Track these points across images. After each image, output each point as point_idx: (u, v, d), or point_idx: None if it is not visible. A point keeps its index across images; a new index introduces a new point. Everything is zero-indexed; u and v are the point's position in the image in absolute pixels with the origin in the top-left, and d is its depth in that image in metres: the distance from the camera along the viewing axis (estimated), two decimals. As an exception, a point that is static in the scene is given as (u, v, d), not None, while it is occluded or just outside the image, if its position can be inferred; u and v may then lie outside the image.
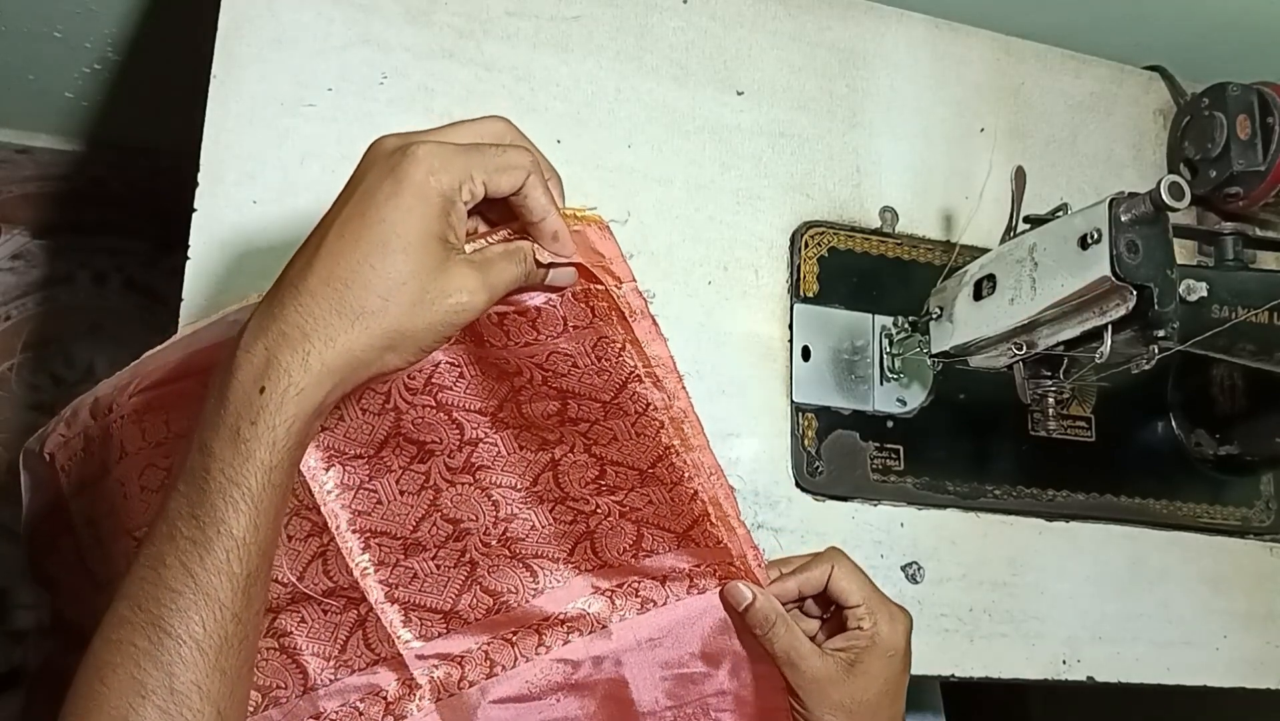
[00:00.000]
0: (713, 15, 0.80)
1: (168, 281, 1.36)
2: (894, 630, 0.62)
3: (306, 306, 0.42)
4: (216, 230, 0.65)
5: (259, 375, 0.41)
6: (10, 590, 1.23)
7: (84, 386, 0.60)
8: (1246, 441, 0.83)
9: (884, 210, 0.81)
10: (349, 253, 0.42)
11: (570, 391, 0.56)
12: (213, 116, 0.67)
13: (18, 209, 1.35)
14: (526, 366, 0.55)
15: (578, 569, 0.61)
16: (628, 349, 0.56)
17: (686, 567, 0.62)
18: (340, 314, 0.42)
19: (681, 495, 0.59)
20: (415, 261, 0.43)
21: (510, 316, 0.53)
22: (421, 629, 0.59)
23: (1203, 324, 0.66)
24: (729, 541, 0.61)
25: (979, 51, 0.88)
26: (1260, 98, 0.85)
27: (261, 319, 0.43)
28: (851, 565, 0.63)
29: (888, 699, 0.61)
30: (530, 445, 0.59)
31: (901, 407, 0.78)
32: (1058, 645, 0.77)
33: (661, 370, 0.57)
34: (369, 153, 0.45)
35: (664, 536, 0.61)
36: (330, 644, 0.58)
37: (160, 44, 1.02)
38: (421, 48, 0.72)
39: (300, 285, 0.43)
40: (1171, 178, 0.59)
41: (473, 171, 0.44)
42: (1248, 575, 0.85)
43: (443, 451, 0.57)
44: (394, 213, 0.42)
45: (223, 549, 0.41)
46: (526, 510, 0.60)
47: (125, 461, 0.58)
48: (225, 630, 0.41)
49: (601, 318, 0.55)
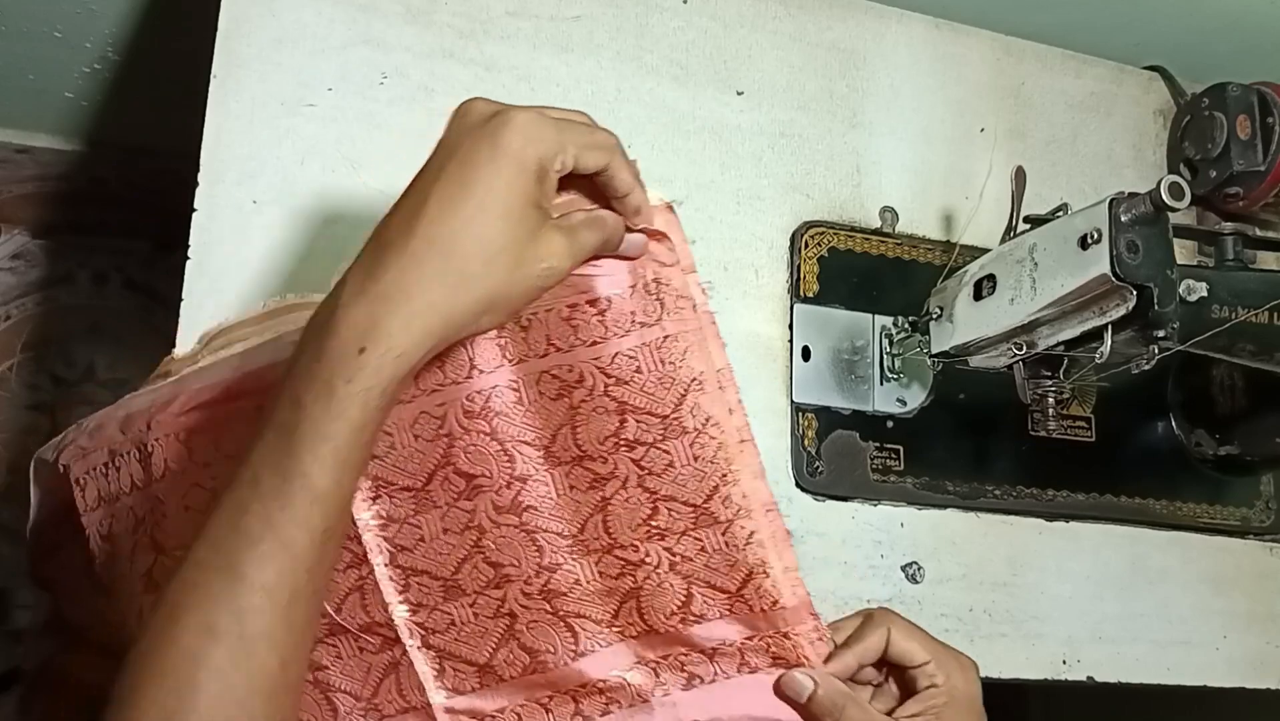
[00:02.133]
0: (713, 15, 0.80)
1: (168, 281, 1.36)
2: (967, 679, 0.59)
3: (409, 270, 0.42)
4: (216, 230, 0.65)
5: (360, 335, 0.42)
6: (10, 590, 1.23)
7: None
8: (1246, 441, 0.83)
9: (884, 210, 0.81)
10: (449, 218, 0.43)
11: (630, 405, 0.54)
12: (213, 116, 0.67)
13: (18, 209, 1.35)
14: (590, 372, 0.53)
15: (622, 634, 0.57)
16: (691, 352, 0.54)
17: (738, 641, 0.57)
18: (443, 277, 0.43)
19: (736, 539, 0.55)
20: (514, 227, 0.43)
21: (581, 307, 0.52)
22: (455, 680, 0.57)
23: (1203, 324, 0.66)
24: (785, 601, 0.56)
25: (979, 51, 0.88)
26: (1260, 98, 0.85)
27: (360, 279, 0.43)
28: (906, 623, 0.61)
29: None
30: (581, 483, 0.55)
31: (901, 407, 0.78)
32: (1058, 645, 0.77)
33: (724, 377, 0.55)
34: (459, 118, 0.45)
35: (715, 597, 0.56)
36: (363, 684, 0.56)
37: (160, 44, 1.02)
38: (421, 48, 0.72)
39: (403, 248, 0.43)
40: (1171, 178, 0.59)
41: (566, 144, 0.45)
42: (1248, 575, 0.85)
43: (491, 488, 0.55)
44: (494, 179, 0.43)
45: (304, 501, 0.41)
46: (572, 561, 0.56)
47: (167, 480, 0.57)
48: (298, 582, 0.41)
49: (670, 312, 0.53)
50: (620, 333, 0.53)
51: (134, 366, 1.35)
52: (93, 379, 1.32)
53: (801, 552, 0.72)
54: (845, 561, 0.74)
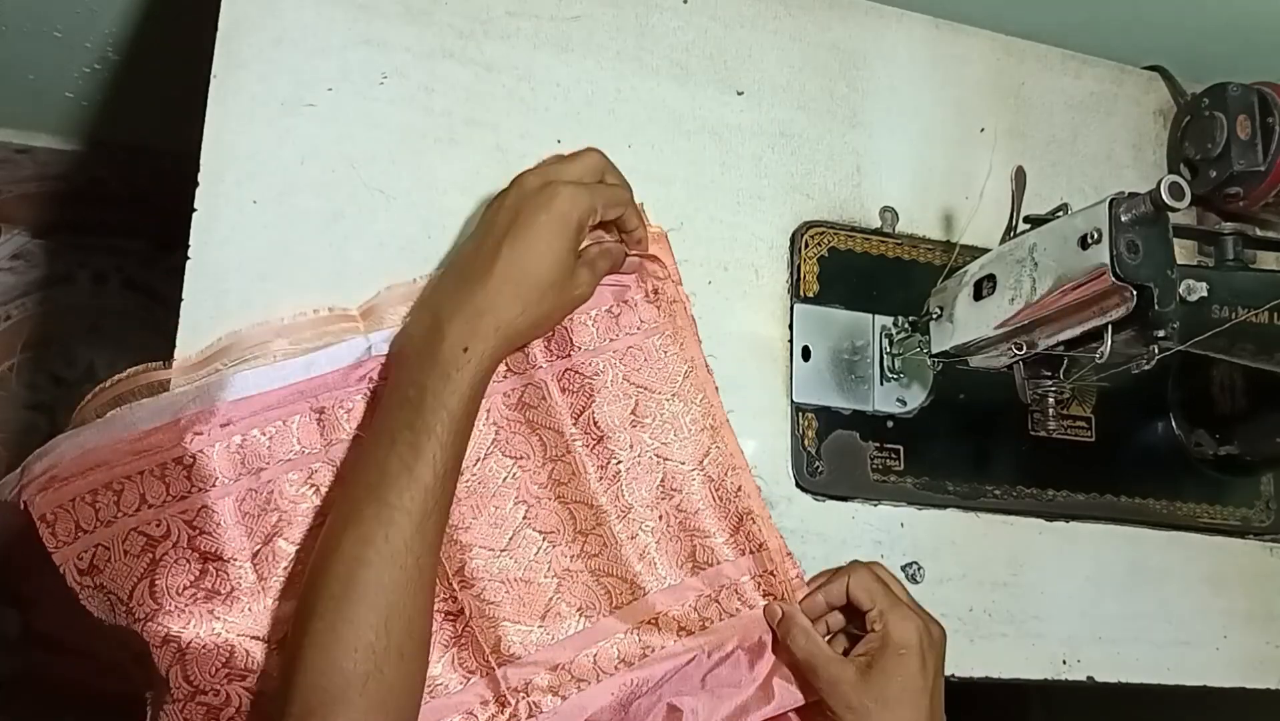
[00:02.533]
0: (713, 15, 0.80)
1: (168, 281, 1.35)
2: (903, 628, 0.64)
3: (491, 295, 0.60)
4: (216, 230, 0.65)
5: (464, 338, 0.59)
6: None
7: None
8: (1246, 441, 0.83)
9: (884, 210, 0.81)
10: (519, 261, 0.61)
11: (643, 385, 0.69)
12: (213, 116, 0.67)
13: (18, 209, 1.35)
14: (609, 363, 0.69)
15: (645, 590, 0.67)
16: (686, 344, 0.71)
17: (736, 580, 0.69)
18: (514, 301, 0.60)
19: (728, 490, 0.69)
20: (561, 267, 0.62)
21: (601, 315, 0.69)
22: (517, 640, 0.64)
23: (1203, 324, 0.66)
24: (770, 544, 0.69)
25: (979, 51, 0.88)
26: (1260, 98, 0.85)
27: (451, 301, 0.60)
28: (868, 573, 0.68)
29: (908, 696, 0.63)
30: (601, 459, 0.68)
31: (901, 407, 0.78)
32: (1058, 645, 0.78)
33: (707, 367, 0.71)
34: (515, 189, 0.63)
35: (714, 543, 0.69)
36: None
37: (160, 44, 1.02)
38: (421, 47, 0.72)
39: (486, 279, 0.60)
40: (1171, 178, 0.59)
41: (597, 206, 0.63)
42: (1248, 575, 0.85)
43: (529, 468, 0.67)
44: (549, 236, 0.61)
45: (430, 448, 0.57)
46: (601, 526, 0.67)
47: (219, 487, 0.61)
48: (427, 505, 0.56)
49: (666, 315, 0.70)
50: (631, 330, 0.70)
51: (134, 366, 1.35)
52: (93, 379, 1.31)
53: (801, 553, 0.72)
54: (845, 561, 0.74)
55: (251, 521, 0.61)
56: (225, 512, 0.60)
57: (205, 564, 0.60)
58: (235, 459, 0.61)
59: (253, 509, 0.61)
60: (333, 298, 0.66)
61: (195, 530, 0.60)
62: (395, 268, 0.68)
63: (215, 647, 0.59)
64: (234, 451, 0.61)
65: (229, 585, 0.60)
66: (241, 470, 0.61)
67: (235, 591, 0.60)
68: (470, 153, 0.72)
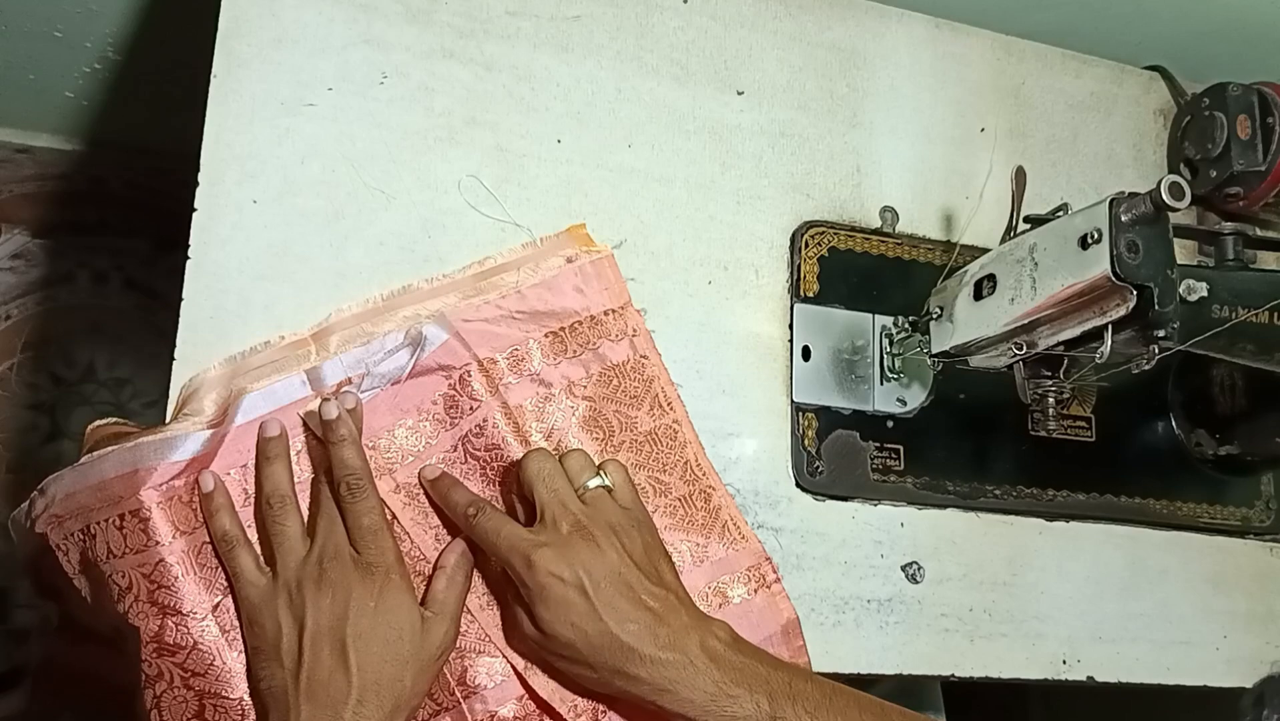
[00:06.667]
0: (713, 15, 0.80)
1: (168, 281, 1.36)
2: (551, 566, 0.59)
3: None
4: (216, 230, 0.65)
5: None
6: (10, 590, 1.23)
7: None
8: (1246, 441, 0.83)
9: (884, 210, 0.81)
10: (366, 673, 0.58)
11: (619, 396, 0.69)
12: (213, 116, 0.67)
13: (18, 209, 1.35)
14: (590, 369, 0.68)
15: None
16: (649, 358, 0.70)
17: (725, 577, 0.69)
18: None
19: (705, 493, 0.70)
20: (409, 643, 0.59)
21: (573, 325, 0.68)
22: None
23: (1203, 324, 0.66)
24: (749, 538, 0.70)
25: (979, 51, 0.88)
26: (1260, 98, 0.85)
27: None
28: (536, 467, 0.62)
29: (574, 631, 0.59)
30: None
31: (901, 407, 0.78)
32: (1058, 645, 0.78)
33: (670, 380, 0.71)
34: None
35: (698, 542, 0.69)
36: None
37: (160, 44, 1.02)
38: (421, 47, 0.72)
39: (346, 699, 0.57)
40: (1172, 178, 0.59)
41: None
42: (1248, 575, 0.85)
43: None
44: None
45: None
46: None
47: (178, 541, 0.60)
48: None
49: (630, 334, 0.69)
50: (607, 338, 0.69)
51: (134, 366, 1.35)
52: (93, 379, 1.32)
53: (801, 552, 0.73)
54: (845, 561, 0.74)
55: (210, 574, 0.60)
56: (180, 566, 0.59)
57: (164, 618, 0.59)
58: (188, 511, 0.60)
59: (209, 560, 0.60)
60: (333, 297, 0.66)
61: (154, 584, 0.59)
62: (395, 268, 0.68)
63: (185, 702, 0.59)
64: (186, 504, 0.60)
65: (190, 639, 0.59)
66: (195, 523, 0.60)
67: (198, 645, 0.59)
68: (470, 153, 0.72)
